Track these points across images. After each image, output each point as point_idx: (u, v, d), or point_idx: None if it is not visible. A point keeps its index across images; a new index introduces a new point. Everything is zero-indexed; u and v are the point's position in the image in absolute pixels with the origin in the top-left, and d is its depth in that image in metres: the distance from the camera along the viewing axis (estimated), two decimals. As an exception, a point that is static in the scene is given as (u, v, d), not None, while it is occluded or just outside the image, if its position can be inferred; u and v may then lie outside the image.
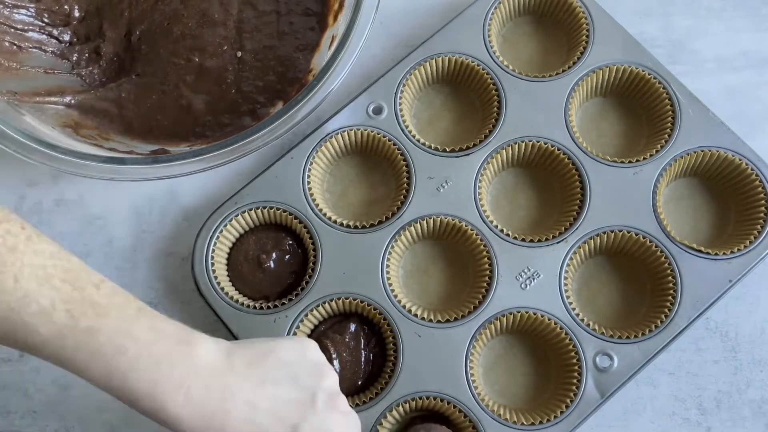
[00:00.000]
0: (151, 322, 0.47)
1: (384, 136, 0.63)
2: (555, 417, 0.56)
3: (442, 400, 0.57)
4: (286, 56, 0.66)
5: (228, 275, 0.62)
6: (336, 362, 0.59)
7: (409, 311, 0.59)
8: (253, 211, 0.62)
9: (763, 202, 0.61)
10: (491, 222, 0.61)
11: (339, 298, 0.59)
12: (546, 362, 0.60)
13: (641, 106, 0.66)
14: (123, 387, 0.45)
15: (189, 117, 0.65)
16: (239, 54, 0.66)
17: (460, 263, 0.62)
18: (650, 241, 0.60)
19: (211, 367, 0.47)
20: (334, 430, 0.49)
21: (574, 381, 0.57)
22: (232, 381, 0.47)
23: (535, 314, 0.59)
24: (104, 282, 0.46)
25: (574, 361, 0.58)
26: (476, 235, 0.61)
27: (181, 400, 0.46)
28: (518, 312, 0.59)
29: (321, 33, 0.66)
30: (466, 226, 0.61)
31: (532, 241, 0.61)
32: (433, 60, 0.65)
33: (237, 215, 0.61)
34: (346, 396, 0.58)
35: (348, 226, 0.61)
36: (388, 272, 0.60)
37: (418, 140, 0.63)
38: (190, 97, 0.66)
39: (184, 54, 0.66)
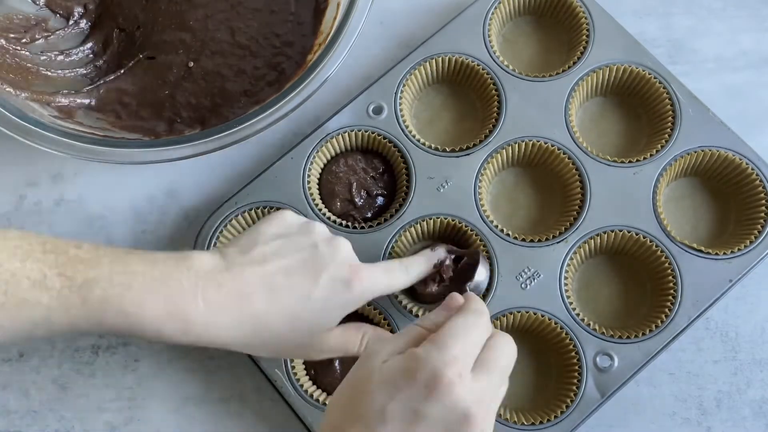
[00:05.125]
0: (141, 256, 0.47)
1: (384, 137, 0.63)
2: (555, 417, 0.56)
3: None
4: (230, 92, 0.65)
5: (228, 275, 0.62)
6: (337, 363, 0.59)
7: (410, 311, 0.59)
8: (253, 211, 0.62)
9: (763, 202, 0.61)
10: (491, 222, 0.61)
11: (339, 298, 0.59)
12: (546, 362, 0.60)
13: (641, 106, 0.66)
14: (142, 321, 0.45)
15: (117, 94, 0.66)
16: (191, 65, 0.66)
17: (460, 263, 0.62)
18: (650, 241, 0.60)
19: (213, 268, 0.48)
20: (345, 259, 0.51)
21: (575, 381, 0.57)
22: (238, 271, 0.48)
23: (535, 314, 0.59)
24: (83, 243, 0.47)
25: (575, 361, 0.58)
26: (476, 235, 0.61)
27: (201, 307, 0.46)
28: (518, 312, 0.59)
29: (279, 89, 0.64)
30: (466, 226, 0.61)
31: (532, 241, 0.61)
32: (433, 60, 0.65)
33: (237, 215, 0.61)
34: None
35: (348, 226, 0.61)
36: (388, 272, 0.60)
37: (418, 140, 0.63)
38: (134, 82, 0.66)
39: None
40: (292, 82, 0.61)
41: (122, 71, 0.66)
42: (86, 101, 0.64)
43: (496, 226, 0.61)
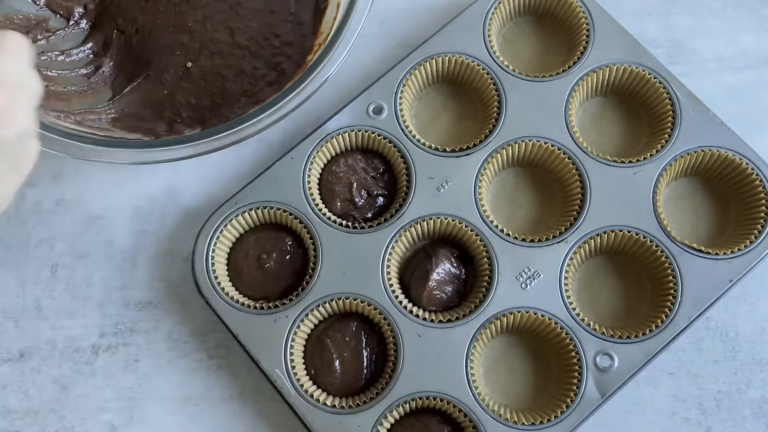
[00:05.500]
0: None
1: (384, 137, 0.63)
2: (555, 417, 0.56)
3: (442, 400, 0.57)
4: (230, 92, 0.65)
5: (228, 275, 0.62)
6: (337, 362, 0.59)
7: (410, 311, 0.59)
8: (253, 211, 0.62)
9: (763, 201, 0.61)
10: (491, 222, 0.61)
11: (339, 298, 0.59)
12: (546, 362, 0.60)
13: (641, 106, 0.66)
14: None
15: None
16: (189, 65, 0.66)
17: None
18: (650, 241, 0.60)
19: None
20: None
21: (575, 381, 0.57)
22: None
23: (535, 314, 0.59)
24: None
25: (575, 361, 0.58)
26: (476, 235, 0.61)
27: None
28: (518, 312, 0.59)
29: (279, 89, 0.64)
30: (466, 226, 0.61)
31: (532, 241, 0.61)
32: (433, 60, 0.65)
33: (237, 215, 0.61)
34: (347, 396, 0.58)
35: (348, 226, 0.61)
36: (388, 272, 0.60)
37: (418, 140, 0.63)
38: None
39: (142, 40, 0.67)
40: (292, 82, 0.61)
41: (138, 81, 0.66)
42: (112, 116, 0.65)
43: (496, 226, 0.61)
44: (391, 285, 0.60)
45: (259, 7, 0.67)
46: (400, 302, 0.59)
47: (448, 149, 0.63)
